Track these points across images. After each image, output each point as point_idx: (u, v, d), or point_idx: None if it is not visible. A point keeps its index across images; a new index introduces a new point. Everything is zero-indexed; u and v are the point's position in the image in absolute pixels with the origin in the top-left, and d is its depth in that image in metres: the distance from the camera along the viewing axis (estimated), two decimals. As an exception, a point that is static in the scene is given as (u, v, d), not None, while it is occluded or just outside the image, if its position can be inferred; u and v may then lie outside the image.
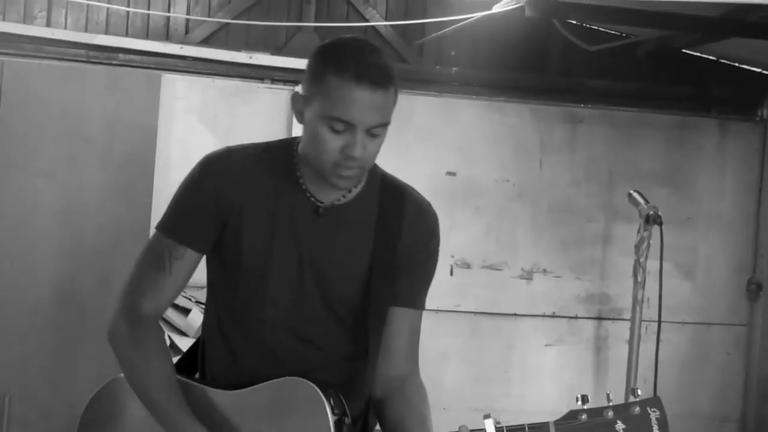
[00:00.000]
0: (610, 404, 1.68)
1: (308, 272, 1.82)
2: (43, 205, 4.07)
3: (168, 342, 3.88)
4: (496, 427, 1.66)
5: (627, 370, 2.65)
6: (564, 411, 1.70)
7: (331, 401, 1.76)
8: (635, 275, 2.62)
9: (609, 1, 3.56)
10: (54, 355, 4.04)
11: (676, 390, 4.46)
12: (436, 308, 4.26)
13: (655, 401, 1.69)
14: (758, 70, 4.63)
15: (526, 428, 1.65)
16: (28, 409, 4.00)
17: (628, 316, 4.34)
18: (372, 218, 1.84)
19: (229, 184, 1.81)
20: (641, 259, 2.60)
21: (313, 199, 1.82)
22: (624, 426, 1.66)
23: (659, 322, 2.64)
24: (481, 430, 1.67)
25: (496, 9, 3.52)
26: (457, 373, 4.38)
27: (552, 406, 4.39)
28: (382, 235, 1.83)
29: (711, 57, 4.63)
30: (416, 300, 1.88)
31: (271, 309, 1.83)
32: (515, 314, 4.41)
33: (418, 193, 1.91)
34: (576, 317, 4.46)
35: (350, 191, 1.83)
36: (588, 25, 4.50)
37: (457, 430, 1.68)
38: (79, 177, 4.08)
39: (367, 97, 1.69)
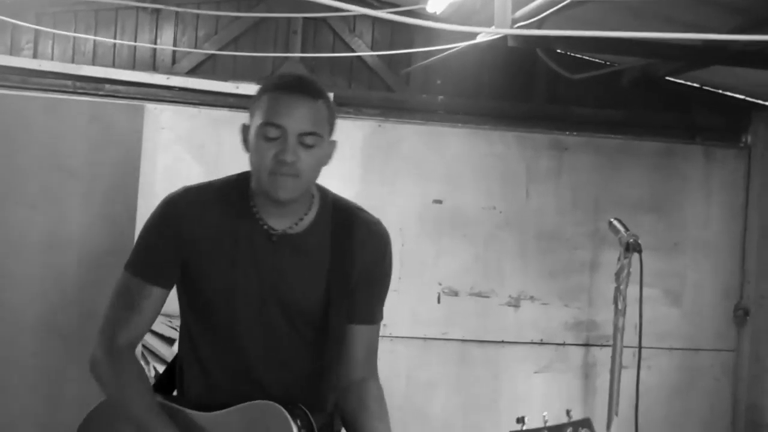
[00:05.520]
0: (546, 425, 1.83)
1: (270, 297, 1.91)
2: (26, 236, 4.04)
3: (153, 373, 3.84)
4: None
5: (609, 398, 2.66)
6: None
7: (298, 422, 1.86)
8: (616, 303, 2.64)
9: (590, 32, 3.57)
10: (36, 387, 3.99)
11: (665, 416, 4.45)
12: (423, 336, 4.25)
13: (585, 422, 1.85)
14: (742, 96, 4.66)
15: None
16: (11, 442, 3.94)
17: (616, 343, 4.38)
18: (326, 242, 1.93)
19: (187, 222, 1.92)
20: (622, 287, 2.63)
21: (266, 227, 1.92)
22: None
23: (639, 348, 2.66)
24: None
25: (480, 39, 3.53)
26: (445, 401, 4.35)
27: (541, 435, 4.38)
28: (337, 259, 1.92)
29: (695, 84, 4.66)
30: (373, 317, 2.01)
31: (239, 333, 1.94)
32: (503, 341, 4.39)
33: (369, 214, 2.00)
34: (564, 344, 4.45)
35: (302, 219, 1.94)
36: (572, 54, 4.53)
37: None
38: (62, 209, 4.06)
39: (293, 101, 1.82)
